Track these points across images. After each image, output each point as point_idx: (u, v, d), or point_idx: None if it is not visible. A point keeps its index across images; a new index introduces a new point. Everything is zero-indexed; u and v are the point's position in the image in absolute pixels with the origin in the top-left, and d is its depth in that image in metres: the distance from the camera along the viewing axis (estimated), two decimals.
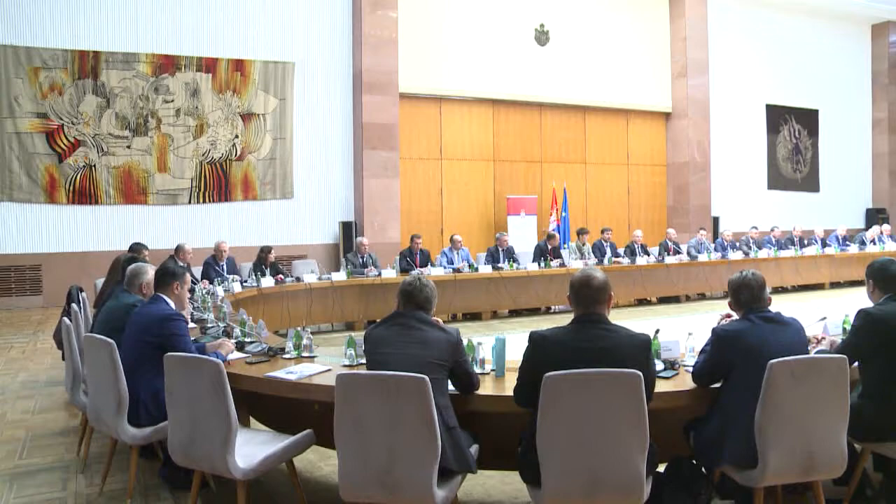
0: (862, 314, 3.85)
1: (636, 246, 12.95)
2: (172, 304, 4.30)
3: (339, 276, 10.38)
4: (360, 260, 10.97)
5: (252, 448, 3.62)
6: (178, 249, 9.51)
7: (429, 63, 13.48)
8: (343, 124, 12.80)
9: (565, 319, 3.36)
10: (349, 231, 12.45)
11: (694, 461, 3.79)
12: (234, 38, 11.91)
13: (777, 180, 17.98)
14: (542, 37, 14.65)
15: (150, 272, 4.74)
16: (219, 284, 8.77)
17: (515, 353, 3.53)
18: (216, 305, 6.81)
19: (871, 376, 3.81)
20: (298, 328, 4.74)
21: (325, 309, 10.14)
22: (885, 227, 16.78)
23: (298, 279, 10.13)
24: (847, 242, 15.42)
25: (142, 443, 4.09)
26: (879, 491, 3.95)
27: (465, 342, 3.70)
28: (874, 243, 15.52)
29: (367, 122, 12.55)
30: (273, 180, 12.27)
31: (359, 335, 3.92)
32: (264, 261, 10.31)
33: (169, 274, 4.42)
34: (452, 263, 11.42)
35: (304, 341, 4.57)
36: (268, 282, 9.60)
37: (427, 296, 3.55)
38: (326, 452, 4.59)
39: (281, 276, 10.05)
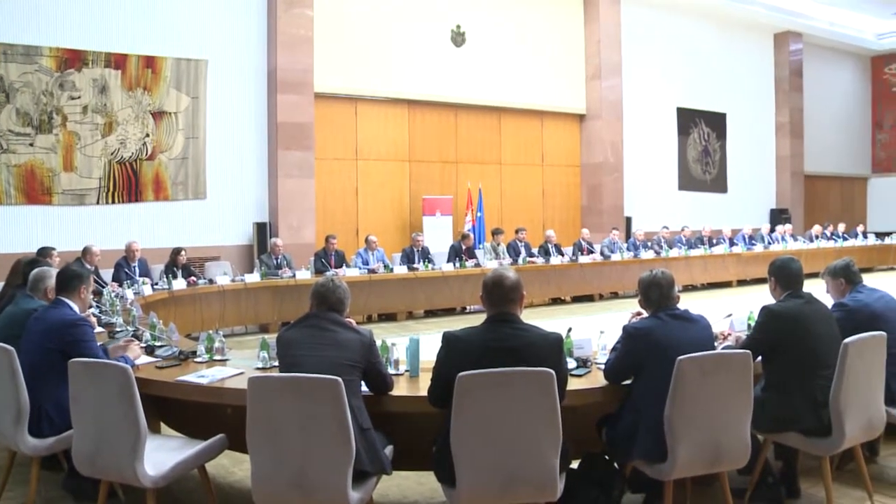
0: (765, 311, 4.00)
1: (550, 246, 13.14)
2: (76, 308, 4.17)
3: (253, 278, 10.26)
4: (275, 261, 10.86)
5: (162, 455, 3.54)
6: (86, 251, 9.26)
7: (345, 63, 13.38)
8: (257, 124, 12.59)
9: (480, 319, 3.40)
10: (263, 232, 12.27)
11: (606, 457, 3.87)
12: (145, 34, 11.57)
13: (687, 181, 18.44)
14: (458, 38, 14.70)
15: (55, 276, 4.59)
16: (129, 287, 8.56)
17: (430, 353, 3.55)
18: (125, 309, 6.64)
19: (772, 370, 3.96)
20: (211, 331, 4.66)
21: (238, 311, 10.01)
22: (787, 227, 17.42)
23: (211, 281, 9.98)
24: (753, 241, 15.96)
25: (44, 453, 3.91)
26: (780, 478, 4.12)
27: (378, 343, 3.70)
28: (777, 242, 16.11)
29: (282, 121, 12.38)
30: (185, 180, 12.00)
31: (272, 337, 3.88)
32: (176, 262, 10.12)
33: (75, 277, 4.26)
34: (368, 264, 11.39)
35: (217, 344, 4.50)
36: (180, 284, 9.44)
37: (340, 297, 3.54)
38: (240, 457, 4.51)
39: (193, 278, 9.87)
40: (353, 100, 13.78)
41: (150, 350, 4.62)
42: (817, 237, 17.13)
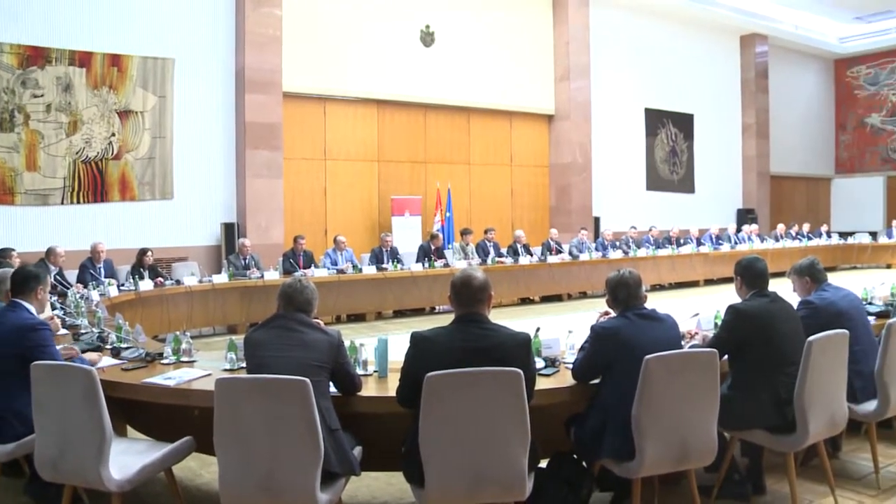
0: (731, 310, 4.05)
1: (519, 246, 13.18)
2: (34, 310, 4.07)
3: (221, 279, 10.19)
4: (243, 262, 10.79)
5: (128, 458, 3.49)
6: (50, 252, 9.13)
7: (313, 62, 13.31)
8: (225, 123, 12.49)
9: (449, 319, 3.40)
10: (231, 232, 12.19)
11: (575, 456, 3.88)
12: (111, 32, 11.43)
13: (655, 181, 18.59)
14: (427, 38, 14.70)
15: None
16: (94, 288, 8.46)
17: (399, 353, 3.54)
18: (91, 310, 6.56)
19: (738, 369, 4.00)
20: (178, 332, 4.63)
21: (206, 312, 9.93)
22: (754, 227, 17.63)
23: (178, 282, 9.89)
24: (720, 241, 16.12)
25: (4, 459, 3.83)
26: (746, 475, 4.17)
27: (347, 344, 3.69)
28: (743, 242, 16.30)
29: (250, 121, 12.30)
30: (152, 180, 11.88)
31: (240, 338, 3.86)
32: (143, 263, 10.01)
33: (31, 278, 4.12)
34: (336, 264, 11.36)
35: (184, 345, 4.47)
36: (146, 285, 9.34)
37: (308, 297, 3.53)
38: (207, 459, 4.46)
39: (160, 278, 9.78)
40: (321, 99, 13.73)
41: (115, 352, 4.56)
42: (782, 237, 17.35)
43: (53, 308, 6.55)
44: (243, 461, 3.11)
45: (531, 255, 13.17)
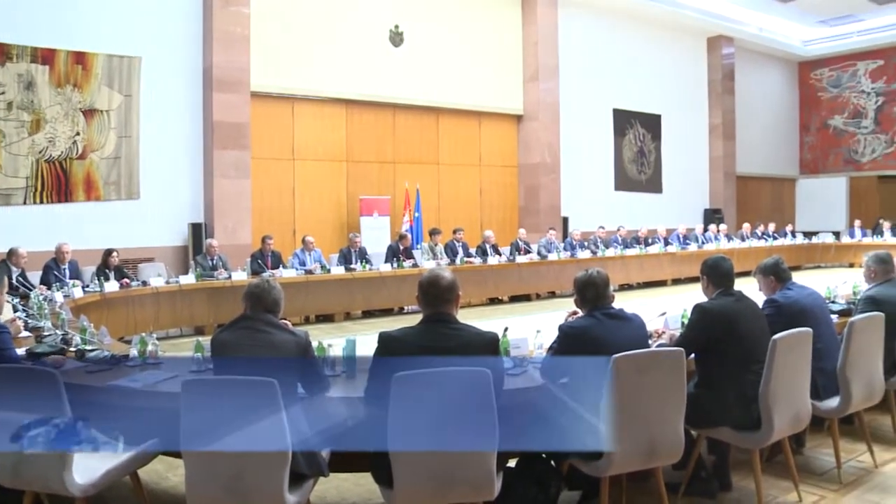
0: (697, 309, 4.09)
1: (488, 246, 13.21)
2: None
3: (188, 280, 10.10)
4: (210, 262, 10.70)
5: (92, 462, 3.42)
6: (12, 253, 8.99)
7: (282, 62, 13.24)
8: (192, 123, 12.39)
9: (418, 319, 3.40)
10: (199, 233, 12.09)
11: (543, 455, 3.90)
12: (75, 29, 11.27)
13: (623, 182, 18.71)
14: (396, 38, 14.68)
15: None
16: (58, 290, 8.36)
17: (368, 354, 3.53)
18: (54, 312, 6.47)
19: (705, 367, 4.04)
20: (144, 334, 4.58)
21: (173, 313, 9.85)
22: (723, 227, 17.81)
23: (145, 283, 9.79)
24: (687, 241, 16.27)
25: None
26: (712, 472, 4.22)
27: (315, 344, 3.68)
28: (710, 241, 16.46)
29: (218, 120, 12.21)
30: (118, 180, 11.74)
31: (207, 340, 3.82)
32: (108, 264, 9.89)
33: None
34: (305, 265, 11.31)
35: (150, 347, 4.42)
36: (112, 286, 9.24)
37: (275, 298, 3.51)
38: (174, 462, 4.42)
39: (126, 279, 9.67)
40: (290, 99, 13.66)
41: (80, 355, 4.50)
42: (748, 236, 17.54)
43: (15, 310, 6.46)
44: (210, 464, 3.09)
45: (500, 255, 13.20)
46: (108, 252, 9.98)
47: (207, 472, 3.09)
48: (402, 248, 12.21)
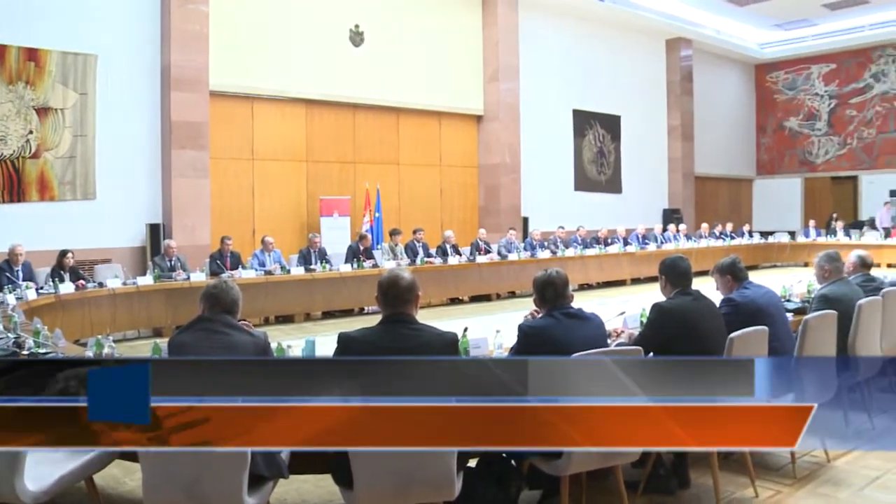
0: (655, 308, 4.14)
1: (448, 246, 13.21)
2: None
3: (146, 281, 9.99)
4: (168, 263, 10.59)
5: (45, 468, 3.34)
6: None
7: (241, 61, 13.13)
8: (150, 122, 12.23)
9: (378, 320, 3.39)
10: (157, 233, 11.95)
11: (503, 454, 3.91)
12: (27, 25, 11.05)
13: (583, 182, 18.83)
14: (356, 38, 14.63)
15: None
16: (10, 292, 8.20)
17: (328, 355, 3.51)
18: (6, 315, 6.36)
19: None
20: (100, 336, 4.52)
21: (130, 315, 9.73)
22: (682, 227, 18.00)
23: (101, 284, 9.66)
24: (646, 241, 16.43)
25: None
26: (671, 470, 4.27)
27: (274, 345, 3.65)
28: (669, 241, 16.64)
29: (176, 120, 12.07)
30: (73, 180, 11.56)
31: (165, 342, 3.78)
32: (63, 265, 9.73)
33: None
34: (264, 265, 11.24)
35: (106, 350, 4.37)
36: (67, 288, 9.08)
37: (233, 298, 3.47)
38: (131, 467, 4.34)
39: (82, 281, 9.52)
40: (249, 98, 13.55)
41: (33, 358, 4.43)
42: (706, 236, 17.75)
43: None
44: (168, 467, 3.05)
45: (460, 255, 13.22)
46: (63, 253, 9.82)
47: (165, 475, 3.06)
48: (362, 248, 12.18)
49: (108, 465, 3.66)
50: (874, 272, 6.00)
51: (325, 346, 3.93)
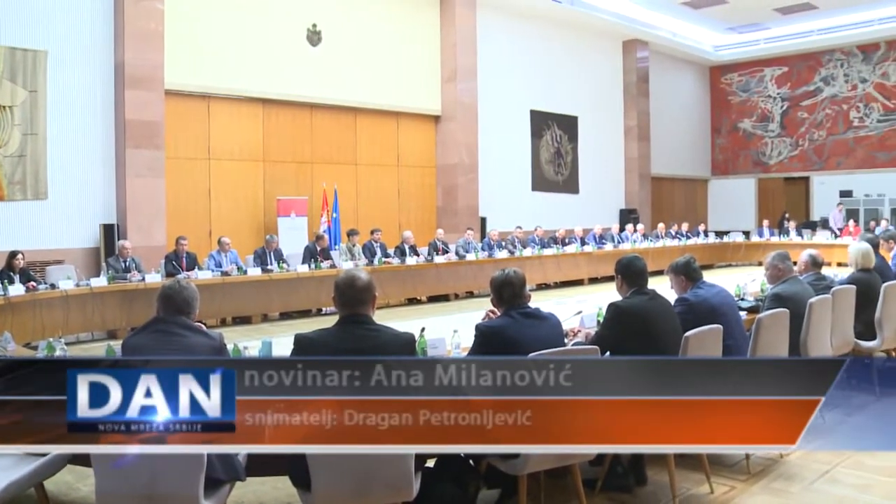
0: (612, 307, 4.18)
1: (406, 246, 13.21)
2: None
3: (100, 282, 9.84)
4: (123, 264, 10.44)
5: None
6: None
7: (197, 59, 12.98)
8: (103, 120, 12.04)
9: (335, 321, 3.38)
10: (111, 234, 11.77)
11: (462, 454, 3.92)
12: None
13: (540, 182, 18.93)
14: (314, 37, 14.55)
15: None
16: None
17: (284, 355, 3.48)
18: None
19: None
20: (52, 339, 4.44)
21: (84, 317, 9.56)
22: (640, 227, 18.20)
23: (53, 286, 9.47)
24: (603, 241, 16.57)
25: None
26: (628, 467, 4.32)
27: (230, 347, 3.62)
28: (626, 241, 16.80)
29: (130, 118, 11.90)
30: (23, 179, 11.34)
31: (119, 344, 3.72)
32: (12, 267, 9.54)
33: None
34: (221, 266, 11.13)
35: (58, 352, 4.29)
36: (17, 289, 8.91)
37: (187, 298, 3.43)
38: (84, 472, 4.26)
39: (33, 282, 9.34)
40: (205, 97, 13.41)
41: None
42: (662, 236, 17.95)
43: None
44: (122, 472, 3.00)
45: (418, 255, 13.22)
46: (13, 254, 9.62)
47: (119, 480, 3.01)
48: (319, 248, 12.13)
49: (59, 470, 3.59)
50: (825, 271, 6.14)
51: (282, 346, 3.90)
